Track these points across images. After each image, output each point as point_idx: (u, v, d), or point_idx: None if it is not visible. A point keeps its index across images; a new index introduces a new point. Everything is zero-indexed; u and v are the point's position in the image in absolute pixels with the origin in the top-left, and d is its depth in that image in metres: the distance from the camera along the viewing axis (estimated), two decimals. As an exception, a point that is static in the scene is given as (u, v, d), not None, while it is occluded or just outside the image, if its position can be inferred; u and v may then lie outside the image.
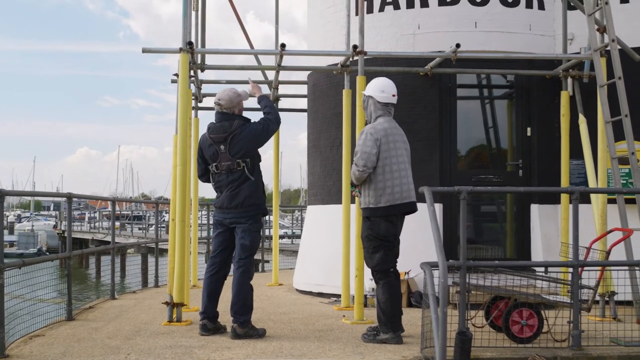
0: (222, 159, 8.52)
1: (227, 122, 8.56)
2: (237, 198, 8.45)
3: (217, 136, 8.54)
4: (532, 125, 12.33)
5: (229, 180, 8.50)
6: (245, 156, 8.45)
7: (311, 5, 14.32)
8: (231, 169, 8.47)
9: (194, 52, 10.34)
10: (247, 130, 8.46)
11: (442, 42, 12.00)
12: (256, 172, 8.56)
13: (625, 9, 11.85)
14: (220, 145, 8.52)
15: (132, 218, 64.15)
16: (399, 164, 8.18)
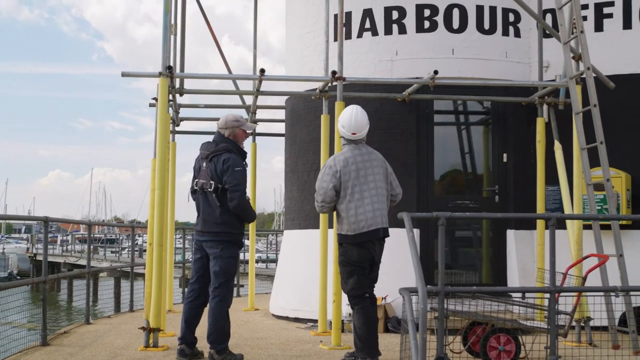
0: (200, 175, 8.51)
1: (216, 142, 8.57)
2: (208, 222, 8.42)
3: (203, 152, 8.58)
4: (508, 151, 12.43)
5: (202, 201, 8.48)
6: (218, 181, 8.39)
7: (289, 30, 14.38)
8: (204, 188, 8.43)
9: (173, 77, 10.34)
10: (232, 167, 8.36)
11: (419, 68, 12.09)
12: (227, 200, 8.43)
13: (600, 37, 12.00)
14: (203, 162, 8.53)
15: (105, 241, 63.76)
16: (362, 192, 8.11)
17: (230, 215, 8.35)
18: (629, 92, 11.74)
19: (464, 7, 12.33)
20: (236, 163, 8.37)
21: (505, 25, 12.45)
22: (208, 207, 8.41)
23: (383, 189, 8.25)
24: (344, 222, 8.11)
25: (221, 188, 8.33)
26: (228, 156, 8.39)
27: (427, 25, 12.35)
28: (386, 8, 12.49)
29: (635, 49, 11.90)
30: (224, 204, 8.32)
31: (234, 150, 8.51)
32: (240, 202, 8.29)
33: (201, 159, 8.56)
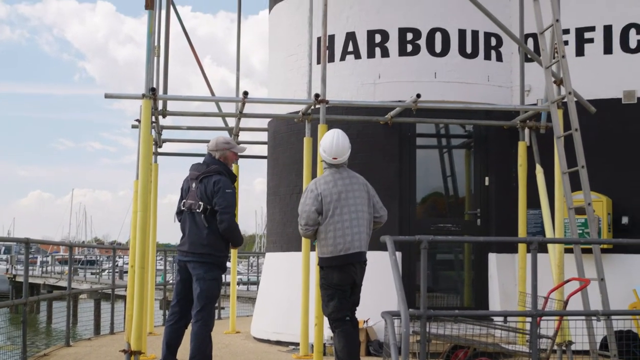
0: (189, 196, 8.48)
1: (206, 164, 8.56)
2: (194, 243, 8.36)
3: (193, 173, 8.56)
4: (490, 175, 12.48)
5: (189, 221, 8.44)
6: (208, 203, 8.38)
7: (272, 53, 14.41)
8: (192, 209, 8.40)
9: (156, 99, 10.34)
10: (222, 190, 8.34)
11: (402, 91, 12.13)
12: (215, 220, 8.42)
13: (581, 62, 12.08)
14: (192, 183, 8.51)
15: (86, 263, 63.34)
16: (342, 215, 8.11)
17: (217, 237, 8.32)
18: (610, 116, 11.82)
19: (446, 31, 12.40)
20: (227, 185, 8.37)
21: (487, 49, 12.53)
22: (195, 228, 8.37)
23: (364, 212, 8.24)
24: (324, 245, 8.12)
25: (210, 209, 8.31)
26: (219, 178, 8.38)
27: (409, 49, 12.41)
28: (369, 31, 12.55)
29: (616, 74, 11.99)
30: (211, 225, 8.30)
31: (224, 172, 8.51)
32: (230, 225, 8.28)
33: (190, 179, 8.54)
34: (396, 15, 12.50)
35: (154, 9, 10.76)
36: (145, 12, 10.50)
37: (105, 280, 46.77)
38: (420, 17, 12.46)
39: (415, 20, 12.45)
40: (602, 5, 12.17)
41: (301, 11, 12.79)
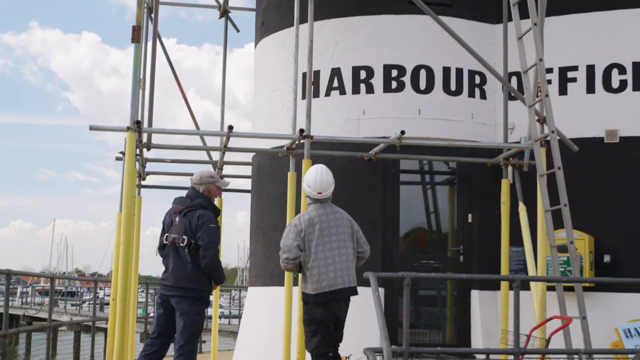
0: (172, 230, 8.40)
1: (190, 197, 8.50)
2: (179, 277, 8.28)
3: (177, 207, 8.47)
4: (473, 212, 12.51)
5: (173, 255, 8.36)
6: (192, 237, 8.32)
7: (258, 87, 14.47)
8: (175, 243, 8.33)
9: (141, 131, 10.35)
10: (206, 224, 8.31)
11: (386, 127, 12.19)
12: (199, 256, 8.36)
13: (564, 101, 12.19)
14: (176, 217, 8.43)
15: (66, 294, 62.90)
16: (325, 252, 8.10)
17: (201, 272, 8.25)
18: (592, 155, 11.91)
19: (430, 68, 12.50)
20: (211, 220, 8.33)
21: (472, 87, 12.63)
22: (179, 263, 8.30)
23: (348, 247, 8.24)
24: (307, 281, 8.10)
25: (194, 244, 8.25)
26: (203, 212, 8.34)
27: (394, 86, 12.49)
28: (354, 67, 12.64)
29: (599, 113, 12.10)
30: (195, 260, 8.23)
31: (208, 206, 8.46)
32: (212, 261, 8.22)
33: (174, 213, 8.47)
34: (381, 52, 12.60)
35: (140, 42, 10.81)
36: (131, 44, 10.56)
37: (85, 312, 46.42)
38: (405, 54, 12.56)
39: (400, 57, 12.55)
40: (585, 45, 12.31)
41: (287, 47, 12.86)
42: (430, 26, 11.62)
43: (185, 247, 8.26)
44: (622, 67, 12.09)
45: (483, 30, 12.80)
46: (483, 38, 12.70)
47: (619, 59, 12.11)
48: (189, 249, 8.24)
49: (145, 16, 13.01)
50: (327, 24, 12.84)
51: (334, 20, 12.88)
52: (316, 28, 11.78)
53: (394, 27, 12.68)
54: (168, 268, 8.39)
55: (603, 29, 12.26)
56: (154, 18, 12.65)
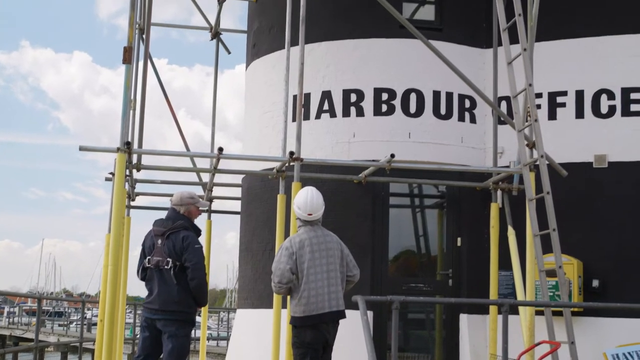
0: (155, 253, 8.34)
1: (171, 219, 8.46)
2: (165, 300, 8.23)
3: (158, 229, 8.41)
4: (462, 236, 12.52)
5: (157, 279, 8.31)
6: (177, 259, 8.28)
7: (248, 109, 14.49)
8: (160, 266, 8.27)
9: (131, 152, 10.34)
10: (191, 245, 8.27)
11: (376, 150, 12.22)
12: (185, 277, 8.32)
13: (554, 126, 12.24)
14: (158, 239, 8.38)
15: (54, 314, 62.52)
16: (316, 274, 8.08)
17: (187, 293, 8.22)
18: (581, 179, 11.95)
19: (421, 92, 12.55)
20: (195, 241, 8.31)
21: (461, 111, 12.68)
22: (164, 286, 8.24)
23: (338, 271, 8.22)
24: (297, 304, 8.07)
25: (179, 266, 8.21)
26: (187, 234, 8.31)
27: (384, 109, 12.53)
28: (345, 90, 12.67)
29: (587, 138, 12.15)
30: (181, 282, 8.19)
31: (190, 227, 8.44)
32: (201, 282, 8.20)
33: (155, 235, 8.41)
34: (372, 75, 12.65)
35: (131, 63, 10.83)
36: (122, 64, 10.58)
37: (73, 332, 46.15)
38: (396, 77, 12.61)
39: (391, 80, 12.59)
40: (574, 71, 12.38)
41: (277, 69, 12.90)
42: (421, 50, 11.68)
43: (170, 270, 8.20)
44: (611, 92, 12.16)
45: (473, 55, 12.87)
46: (473, 62, 12.76)
47: (608, 84, 12.18)
48: (174, 271, 8.20)
49: (136, 37, 13.07)
50: (319, 47, 12.89)
51: (325, 43, 12.93)
52: (307, 51, 11.83)
53: (384, 50, 12.74)
54: (153, 291, 8.32)
55: (592, 55, 12.34)
56: (145, 39, 12.69)
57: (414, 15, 13.15)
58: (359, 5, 12.69)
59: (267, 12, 14.02)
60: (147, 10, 12.37)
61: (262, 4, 14.37)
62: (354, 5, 12.83)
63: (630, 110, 12.06)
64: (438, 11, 13.07)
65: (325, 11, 12.96)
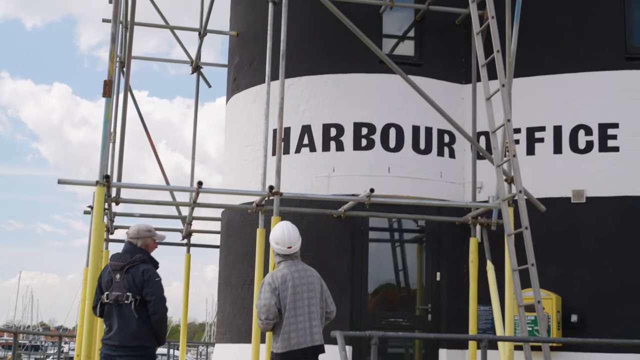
0: (114, 288, 8.21)
1: (129, 253, 8.35)
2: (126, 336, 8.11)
3: (116, 264, 8.26)
4: (442, 270, 12.54)
5: (117, 314, 8.20)
6: (137, 293, 8.18)
7: (229, 142, 14.50)
8: (119, 301, 8.15)
9: (110, 186, 10.31)
10: (152, 279, 8.19)
11: (356, 185, 12.24)
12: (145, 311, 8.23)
13: (532, 161, 12.32)
14: (116, 274, 8.24)
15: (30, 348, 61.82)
16: (296, 309, 8.05)
17: (148, 328, 8.09)
18: (559, 215, 12.01)
19: (400, 127, 12.61)
20: (155, 274, 8.19)
21: (441, 146, 12.74)
22: (124, 321, 8.08)
23: (318, 305, 8.20)
24: (278, 340, 8.02)
25: (140, 299, 8.12)
26: (147, 267, 8.19)
27: (364, 143, 12.57)
28: (325, 125, 12.72)
29: (566, 173, 12.23)
30: (141, 316, 8.07)
31: (149, 261, 8.35)
32: (163, 316, 8.10)
33: (113, 270, 8.23)
34: (351, 110, 12.70)
35: (111, 96, 10.83)
36: (102, 97, 10.57)
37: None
38: (375, 112, 12.67)
39: (370, 115, 12.66)
40: (552, 107, 12.48)
41: (258, 103, 12.94)
42: (400, 85, 11.77)
43: (130, 304, 8.09)
44: (589, 128, 12.26)
45: (452, 90, 12.96)
46: (452, 98, 12.85)
47: (586, 120, 12.29)
48: (134, 305, 8.09)
49: (117, 70, 13.07)
50: (299, 81, 12.95)
51: (305, 78, 12.99)
52: (287, 85, 11.88)
53: (364, 85, 12.81)
54: (112, 327, 8.14)
55: (569, 91, 12.45)
56: (125, 72, 12.72)
57: (393, 51, 13.25)
58: (339, 41, 12.76)
59: (248, 47, 14.08)
60: (128, 44, 12.42)
61: (242, 38, 14.44)
62: (334, 41, 12.91)
63: (608, 145, 12.16)
64: (417, 47, 13.19)
65: (305, 46, 13.04)
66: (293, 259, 8.24)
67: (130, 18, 12.27)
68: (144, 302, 8.07)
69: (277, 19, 11.82)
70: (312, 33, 13.13)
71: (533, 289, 10.14)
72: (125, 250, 8.35)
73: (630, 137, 12.08)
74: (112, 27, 11.09)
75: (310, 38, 13.14)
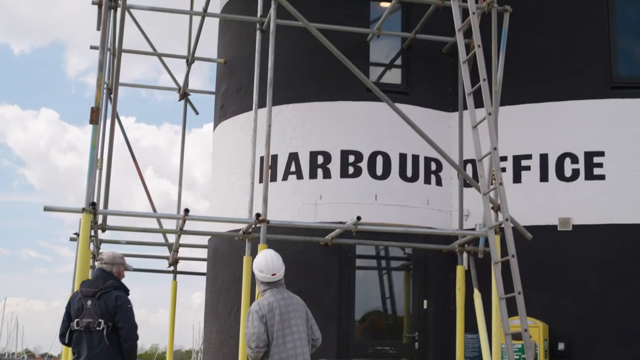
0: (85, 314, 8.13)
1: (102, 279, 8.29)
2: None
3: (88, 290, 8.18)
4: (429, 298, 12.52)
5: (86, 341, 8.12)
6: (109, 320, 8.12)
7: (216, 170, 14.49)
8: (90, 328, 8.07)
9: (96, 213, 10.27)
10: (124, 305, 8.15)
11: (343, 212, 12.24)
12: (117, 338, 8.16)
13: (519, 189, 12.36)
14: (87, 300, 8.16)
15: (14, 376, 61.41)
16: (284, 337, 8.01)
17: (118, 355, 8.01)
18: (546, 242, 12.03)
19: (387, 154, 12.63)
20: (127, 301, 8.14)
21: (428, 173, 12.76)
22: (95, 348, 7.96)
23: (305, 333, 8.18)
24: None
25: (112, 326, 8.05)
26: (119, 293, 8.14)
27: (351, 171, 12.59)
28: (312, 152, 12.73)
29: (552, 201, 12.26)
30: (113, 342, 7.98)
31: (121, 287, 8.31)
32: (134, 344, 8.06)
33: (84, 297, 8.17)
34: (339, 138, 12.73)
35: (98, 123, 10.83)
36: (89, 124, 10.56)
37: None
38: (362, 140, 12.70)
39: (357, 143, 12.68)
40: (538, 135, 12.53)
41: (245, 130, 12.95)
42: (387, 113, 11.80)
43: (102, 331, 8.02)
44: (575, 156, 12.31)
45: (439, 118, 13.01)
46: (439, 126, 12.90)
47: (572, 148, 12.34)
48: (106, 332, 8.02)
49: (104, 96, 13.07)
50: (286, 109, 12.98)
51: (292, 105, 13.02)
52: (275, 112, 11.90)
53: (351, 113, 12.84)
54: (81, 354, 8.02)
55: (555, 119, 12.51)
56: (113, 99, 12.69)
57: (380, 79, 13.31)
58: (326, 68, 12.81)
59: (236, 74, 14.11)
60: (116, 71, 12.40)
61: (230, 66, 14.48)
62: (321, 68, 12.95)
63: (594, 173, 12.20)
64: (404, 75, 13.25)
65: (293, 74, 13.08)
66: (278, 286, 8.21)
67: (118, 45, 12.27)
68: (116, 328, 8.03)
69: (265, 46, 11.87)
70: (299, 61, 13.17)
71: (520, 317, 10.12)
72: (96, 277, 8.29)
73: (616, 165, 12.14)
74: (100, 54, 11.11)
75: (298, 66, 13.17)
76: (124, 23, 12.19)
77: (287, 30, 12.60)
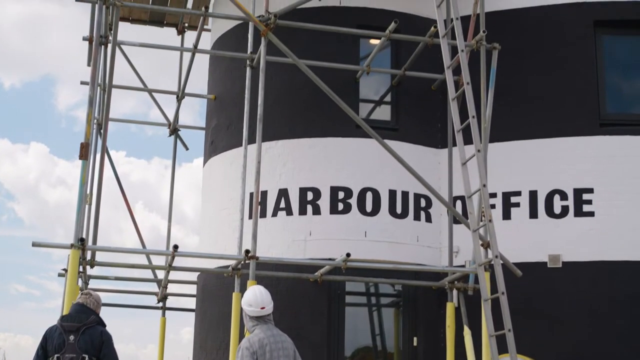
0: (67, 350, 8.05)
1: (85, 314, 8.22)
2: None
3: (71, 325, 8.09)
4: (419, 335, 12.46)
5: None
6: (94, 355, 8.05)
7: (205, 205, 14.46)
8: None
9: (85, 249, 10.23)
10: (109, 341, 8.09)
11: (332, 249, 12.20)
12: None
13: (508, 225, 12.35)
14: (70, 335, 8.09)
15: (0, 412, 60.61)
16: None
17: None
18: (536, 279, 12.01)
19: (377, 191, 12.63)
20: (111, 337, 8.12)
21: (417, 210, 12.76)
22: None
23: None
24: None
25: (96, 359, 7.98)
26: (103, 329, 8.08)
27: (340, 207, 12.57)
28: (301, 189, 12.72)
29: (542, 238, 12.25)
30: None
31: (103, 323, 8.27)
32: None
33: (67, 332, 8.11)
34: (328, 174, 12.72)
35: (88, 159, 10.80)
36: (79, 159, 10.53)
37: None
38: (352, 176, 12.70)
39: (347, 179, 12.68)
40: (527, 171, 12.56)
41: (235, 166, 12.94)
42: (377, 150, 11.82)
43: None
44: (564, 193, 12.33)
45: (428, 155, 13.03)
46: (428, 162, 12.92)
47: (561, 185, 12.36)
48: None
49: (94, 131, 13.06)
50: (276, 145, 12.98)
51: (282, 142, 13.02)
52: (264, 149, 11.92)
53: (341, 149, 12.85)
54: None
55: (545, 156, 12.54)
56: (103, 134, 12.67)
57: (370, 115, 13.34)
58: (316, 105, 12.83)
59: (225, 110, 14.13)
60: (106, 106, 12.39)
61: (220, 101, 14.50)
62: (311, 105, 12.98)
63: (583, 210, 12.22)
64: (394, 111, 13.29)
65: (282, 110, 13.10)
66: (267, 322, 8.17)
67: (108, 81, 12.27)
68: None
69: (255, 83, 11.91)
70: (289, 97, 13.20)
71: (510, 354, 10.07)
72: (78, 312, 8.20)
73: (605, 202, 12.16)
74: (90, 90, 11.11)
75: (288, 102, 13.20)
76: (115, 59, 12.20)
77: (277, 66, 12.65)
